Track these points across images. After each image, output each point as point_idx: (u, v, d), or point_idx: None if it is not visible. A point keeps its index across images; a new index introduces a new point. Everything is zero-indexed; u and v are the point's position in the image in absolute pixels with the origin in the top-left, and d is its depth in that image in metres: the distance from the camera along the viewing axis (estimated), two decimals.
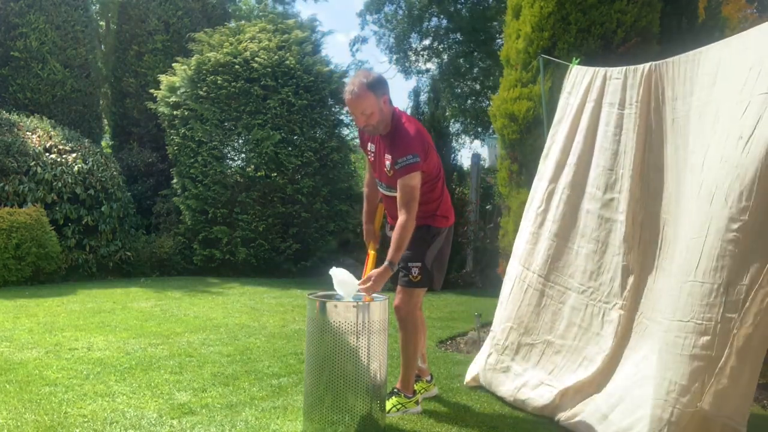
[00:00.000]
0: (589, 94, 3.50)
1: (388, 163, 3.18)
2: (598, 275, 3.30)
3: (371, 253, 3.31)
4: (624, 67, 3.34)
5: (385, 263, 3.02)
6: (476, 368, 3.83)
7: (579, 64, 3.75)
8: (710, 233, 2.45)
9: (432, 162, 3.24)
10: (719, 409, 2.42)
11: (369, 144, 3.34)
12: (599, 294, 3.28)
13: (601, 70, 3.49)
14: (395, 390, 3.33)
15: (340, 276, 3.02)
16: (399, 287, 3.29)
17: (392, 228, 3.37)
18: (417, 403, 3.35)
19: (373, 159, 3.36)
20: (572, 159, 3.53)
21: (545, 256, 3.54)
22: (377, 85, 3.06)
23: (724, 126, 2.56)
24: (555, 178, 3.60)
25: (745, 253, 2.34)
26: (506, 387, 3.54)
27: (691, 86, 2.92)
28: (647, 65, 3.20)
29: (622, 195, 3.27)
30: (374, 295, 3.04)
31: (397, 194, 3.08)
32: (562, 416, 3.17)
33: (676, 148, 3.02)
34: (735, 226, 2.37)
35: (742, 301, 2.34)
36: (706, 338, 2.39)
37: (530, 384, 3.42)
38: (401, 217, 3.03)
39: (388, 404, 3.21)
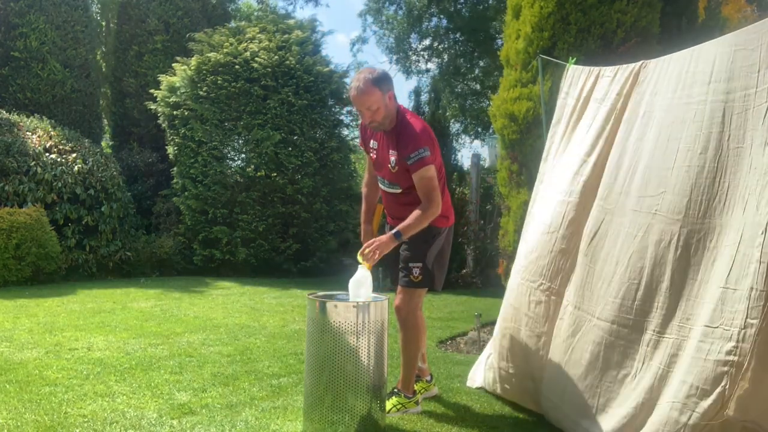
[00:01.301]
0: (583, 93, 3.52)
1: (392, 159, 3.18)
2: (530, 253, 3.36)
3: None
4: (617, 66, 3.36)
5: (392, 232, 3.04)
6: (480, 371, 3.85)
7: (577, 64, 3.75)
8: (743, 240, 2.45)
9: (437, 159, 3.25)
10: (743, 414, 2.42)
11: (371, 141, 3.34)
12: (528, 273, 3.32)
13: (595, 69, 3.51)
14: (395, 390, 3.34)
15: (360, 276, 3.02)
16: (400, 287, 3.30)
17: (392, 228, 3.38)
18: (417, 403, 3.36)
19: (375, 156, 3.35)
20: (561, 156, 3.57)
21: (526, 249, 3.58)
22: (382, 81, 3.07)
23: (747, 131, 2.54)
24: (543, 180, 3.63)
25: (765, 258, 2.34)
26: (492, 379, 3.59)
27: (678, 83, 2.91)
28: (639, 63, 3.22)
29: (566, 175, 3.31)
30: (374, 295, 3.05)
31: (417, 188, 3.11)
32: (551, 420, 3.18)
33: (638, 139, 3.04)
34: (760, 231, 2.38)
35: (762, 307, 2.34)
36: (731, 344, 2.39)
37: (504, 378, 3.47)
38: (424, 205, 3.07)
39: (388, 404, 3.22)
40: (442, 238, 3.33)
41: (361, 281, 3.01)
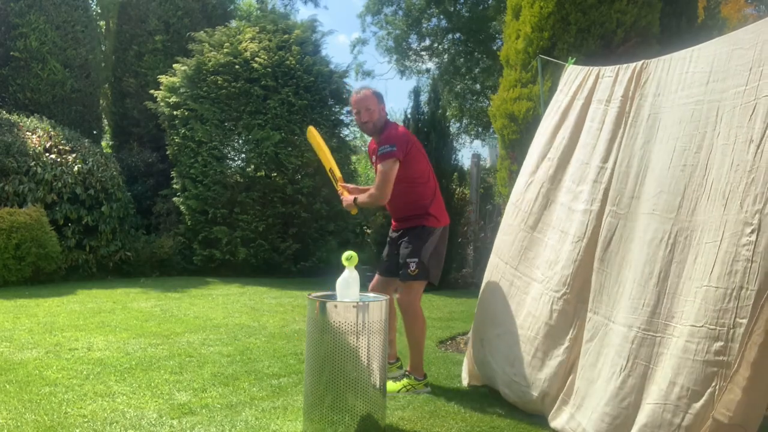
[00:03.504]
0: (580, 92, 3.52)
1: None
2: (555, 264, 3.33)
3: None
4: (617, 66, 3.36)
5: (352, 197, 3.75)
6: (469, 365, 3.87)
7: (577, 64, 3.76)
8: (725, 237, 2.45)
9: (417, 165, 3.72)
10: (730, 419, 2.41)
11: (372, 157, 3.86)
12: (552, 283, 3.30)
13: (594, 69, 3.51)
14: (406, 372, 3.74)
15: (347, 276, 3.08)
16: (400, 282, 3.74)
17: (395, 230, 3.89)
18: (426, 385, 3.71)
19: (375, 167, 3.85)
20: (553, 153, 3.56)
21: (519, 247, 3.58)
22: (379, 94, 3.78)
23: (732, 128, 2.56)
24: (533, 172, 3.64)
25: (759, 257, 2.34)
26: (495, 382, 3.59)
27: (679, 83, 2.92)
28: (639, 62, 3.22)
29: (586, 186, 3.29)
30: (374, 295, 3.29)
31: (376, 176, 3.67)
32: (556, 424, 3.16)
33: (646, 142, 3.03)
34: (749, 230, 2.37)
35: (752, 306, 2.32)
36: (719, 344, 2.38)
37: (503, 381, 3.46)
38: (372, 191, 3.66)
39: (399, 385, 3.65)
40: (436, 237, 3.75)
41: (349, 282, 3.09)
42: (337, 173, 3.95)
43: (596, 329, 3.06)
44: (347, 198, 3.77)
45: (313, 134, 4.12)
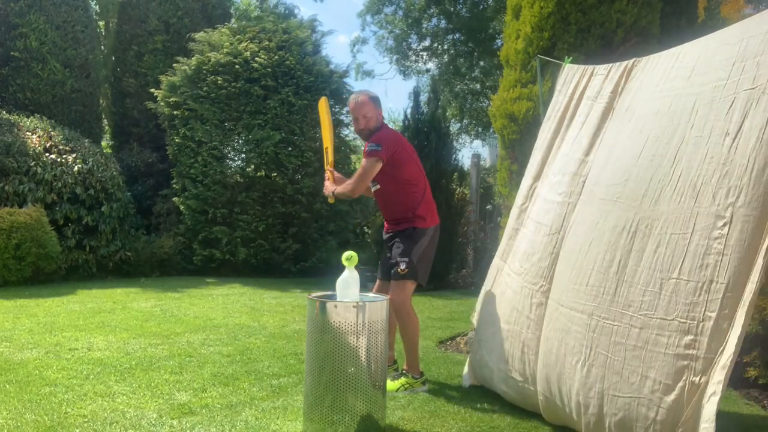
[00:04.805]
0: (576, 91, 3.55)
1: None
2: (532, 256, 3.34)
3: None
4: (611, 64, 3.37)
5: (333, 189, 3.83)
6: (470, 367, 3.87)
7: (577, 63, 3.77)
8: (696, 230, 2.44)
9: (407, 168, 3.76)
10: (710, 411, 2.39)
11: None
12: (530, 276, 3.31)
13: (590, 68, 3.53)
14: (403, 371, 3.75)
15: (347, 276, 3.10)
16: (392, 281, 3.75)
17: (387, 232, 3.96)
18: (423, 383, 3.72)
19: None
20: (552, 154, 3.59)
21: (512, 245, 3.61)
22: (377, 99, 3.83)
23: (708, 121, 2.56)
24: (538, 176, 3.66)
25: (730, 250, 2.34)
26: (492, 382, 3.59)
27: (662, 77, 2.92)
28: (631, 60, 3.23)
29: (565, 177, 3.31)
30: (374, 296, 3.30)
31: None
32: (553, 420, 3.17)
33: (618, 133, 3.04)
34: (721, 223, 2.37)
35: (729, 300, 2.31)
36: (689, 337, 2.37)
37: (501, 378, 3.47)
38: (349, 182, 3.77)
39: (397, 384, 3.64)
40: (427, 238, 3.79)
41: (349, 282, 3.09)
42: (330, 157, 3.98)
43: (551, 315, 3.07)
44: (328, 186, 3.88)
45: (323, 107, 4.24)
